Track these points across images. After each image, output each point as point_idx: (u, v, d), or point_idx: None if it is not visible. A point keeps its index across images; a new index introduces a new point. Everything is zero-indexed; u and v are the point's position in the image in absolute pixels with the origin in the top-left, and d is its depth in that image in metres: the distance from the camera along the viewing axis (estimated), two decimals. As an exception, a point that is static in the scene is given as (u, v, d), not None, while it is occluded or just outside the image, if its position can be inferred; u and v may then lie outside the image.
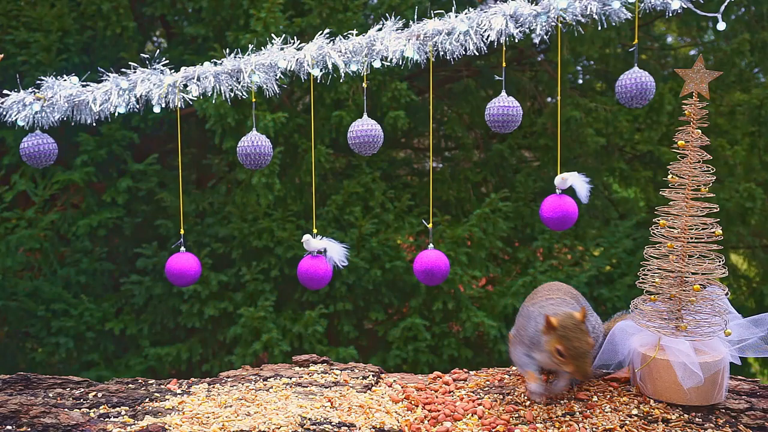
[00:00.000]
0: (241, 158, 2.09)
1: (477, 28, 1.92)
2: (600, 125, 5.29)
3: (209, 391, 2.00)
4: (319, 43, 2.02)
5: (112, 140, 4.93)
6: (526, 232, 5.52)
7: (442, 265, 2.07)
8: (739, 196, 5.25)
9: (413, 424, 1.77)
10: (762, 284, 5.84)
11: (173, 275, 2.13)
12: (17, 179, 4.82)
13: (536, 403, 1.87)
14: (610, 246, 5.30)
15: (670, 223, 1.88)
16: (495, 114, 2.00)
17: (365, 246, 4.81)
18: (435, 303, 4.82)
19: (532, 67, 6.15)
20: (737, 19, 5.72)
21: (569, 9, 1.87)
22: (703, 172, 1.84)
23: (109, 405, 1.89)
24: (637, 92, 1.89)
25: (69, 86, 2.08)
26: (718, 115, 5.63)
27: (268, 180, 4.50)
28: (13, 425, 1.74)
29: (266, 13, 4.48)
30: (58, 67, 4.75)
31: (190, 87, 2.05)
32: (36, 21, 4.84)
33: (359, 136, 2.04)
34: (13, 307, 4.77)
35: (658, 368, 1.83)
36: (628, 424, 1.75)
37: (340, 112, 4.74)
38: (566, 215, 2.04)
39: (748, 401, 1.84)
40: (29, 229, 4.78)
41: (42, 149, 2.09)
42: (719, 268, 1.85)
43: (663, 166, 5.31)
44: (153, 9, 5.15)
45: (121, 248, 5.22)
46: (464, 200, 5.57)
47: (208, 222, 5.00)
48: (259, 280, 4.80)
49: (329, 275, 2.10)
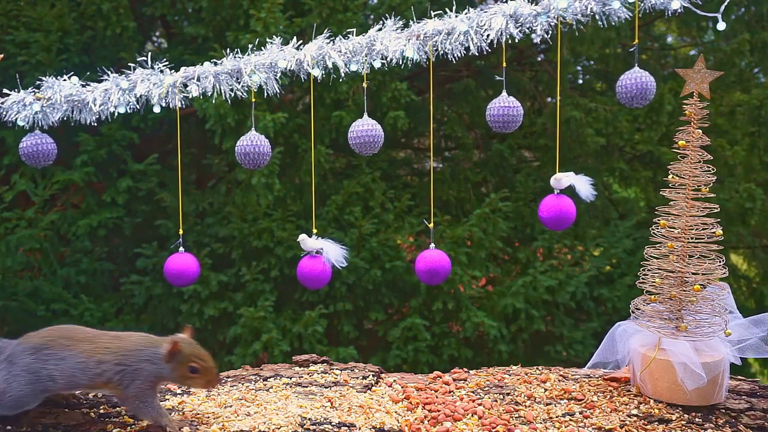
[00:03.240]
0: (239, 158, 2.09)
1: (477, 28, 1.92)
2: (600, 125, 5.29)
3: (209, 391, 2.00)
4: (319, 43, 2.02)
5: (112, 140, 4.93)
6: (526, 232, 5.52)
7: (445, 264, 2.07)
8: (739, 197, 5.25)
9: (413, 424, 1.77)
10: (762, 284, 5.84)
11: (172, 275, 2.13)
12: (17, 179, 4.82)
13: (536, 403, 1.87)
14: (610, 246, 5.30)
15: (671, 223, 1.88)
16: (496, 114, 1.99)
17: (365, 246, 4.81)
18: (435, 303, 4.82)
19: (532, 67, 6.15)
20: (737, 19, 5.72)
21: (569, 9, 1.86)
22: (704, 172, 1.84)
23: (109, 405, 1.89)
24: (638, 92, 1.88)
25: (69, 86, 2.08)
26: (718, 115, 5.63)
27: (267, 180, 4.50)
28: (13, 425, 1.74)
29: (266, 13, 4.48)
30: (58, 67, 4.75)
31: (190, 87, 2.05)
32: (36, 21, 4.84)
33: (360, 136, 2.03)
34: (13, 307, 4.76)
35: (658, 368, 1.83)
36: (628, 424, 1.75)
37: (340, 112, 4.74)
38: (563, 215, 2.03)
39: (748, 401, 1.84)
40: (29, 229, 4.78)
41: (41, 149, 2.09)
42: (719, 268, 1.85)
43: (663, 166, 5.30)
44: (153, 9, 5.15)
45: (121, 248, 5.21)
46: (464, 200, 5.57)
47: (208, 222, 5.00)
48: (259, 280, 4.80)
49: (329, 275, 2.10)
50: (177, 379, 1.76)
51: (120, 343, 1.76)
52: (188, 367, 1.74)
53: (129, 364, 1.72)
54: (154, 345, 1.75)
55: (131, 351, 1.74)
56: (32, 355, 1.74)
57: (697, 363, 1.76)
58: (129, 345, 1.75)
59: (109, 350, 1.74)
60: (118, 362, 1.72)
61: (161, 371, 1.73)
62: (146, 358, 1.73)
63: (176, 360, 1.73)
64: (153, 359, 1.73)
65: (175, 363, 1.73)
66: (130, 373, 1.72)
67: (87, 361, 1.72)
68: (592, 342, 4.99)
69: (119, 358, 1.73)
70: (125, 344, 1.76)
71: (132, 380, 1.72)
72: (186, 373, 1.74)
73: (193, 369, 1.74)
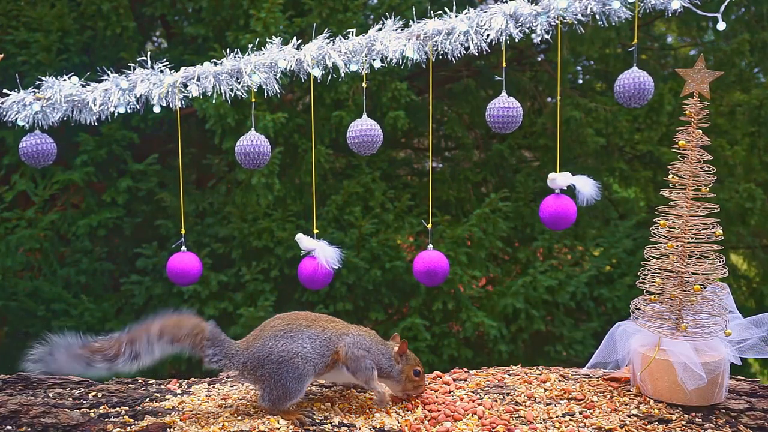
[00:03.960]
0: (239, 158, 2.09)
1: (477, 28, 1.92)
2: (600, 125, 5.29)
3: (209, 391, 2.00)
4: (319, 43, 2.02)
5: (112, 140, 4.93)
6: (526, 232, 5.52)
7: (443, 265, 2.07)
8: (739, 197, 5.25)
9: (413, 424, 1.77)
10: (762, 284, 5.84)
11: (175, 274, 2.13)
12: (17, 179, 4.82)
13: (536, 403, 1.87)
14: (610, 246, 5.30)
15: (671, 223, 1.87)
16: (495, 114, 2.00)
17: (365, 246, 4.81)
18: (435, 303, 4.81)
19: (532, 67, 6.15)
20: (737, 19, 5.72)
21: (569, 9, 1.86)
22: (704, 172, 1.84)
23: (109, 405, 1.89)
24: (636, 92, 1.88)
25: (69, 86, 2.08)
26: (718, 115, 5.63)
27: (267, 180, 4.50)
28: (13, 425, 1.74)
29: (266, 13, 4.48)
30: (58, 67, 4.75)
31: (190, 87, 2.05)
32: (36, 21, 4.84)
33: (358, 136, 2.04)
34: (13, 307, 4.76)
35: (658, 368, 1.83)
36: (628, 424, 1.75)
37: (340, 112, 4.74)
38: (563, 215, 2.04)
39: (748, 401, 1.84)
40: (29, 229, 4.78)
41: (41, 149, 2.09)
42: (719, 268, 1.85)
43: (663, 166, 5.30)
44: (153, 9, 5.15)
45: (121, 248, 5.21)
46: (464, 200, 5.57)
47: (208, 222, 5.00)
48: (259, 280, 4.79)
49: (330, 276, 2.10)
50: (399, 379, 1.87)
51: (347, 326, 1.91)
52: (414, 369, 1.88)
53: (367, 346, 1.85)
54: (382, 341, 1.91)
55: (367, 332, 1.90)
56: (280, 339, 1.80)
57: (697, 363, 1.76)
58: (359, 330, 1.90)
59: (345, 327, 1.88)
60: (354, 341, 1.85)
61: (390, 369, 1.86)
62: (381, 352, 1.86)
63: (404, 361, 1.88)
64: (386, 354, 1.87)
65: (403, 364, 1.87)
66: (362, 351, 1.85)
67: (331, 335, 1.84)
68: (592, 342, 4.99)
69: (355, 339, 1.86)
70: (355, 327, 1.90)
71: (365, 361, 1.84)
72: (411, 375, 1.87)
73: (417, 372, 1.88)
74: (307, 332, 1.82)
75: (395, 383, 1.88)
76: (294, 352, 1.78)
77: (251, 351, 1.80)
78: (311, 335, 1.82)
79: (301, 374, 1.77)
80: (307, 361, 1.78)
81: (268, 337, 1.81)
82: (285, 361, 1.77)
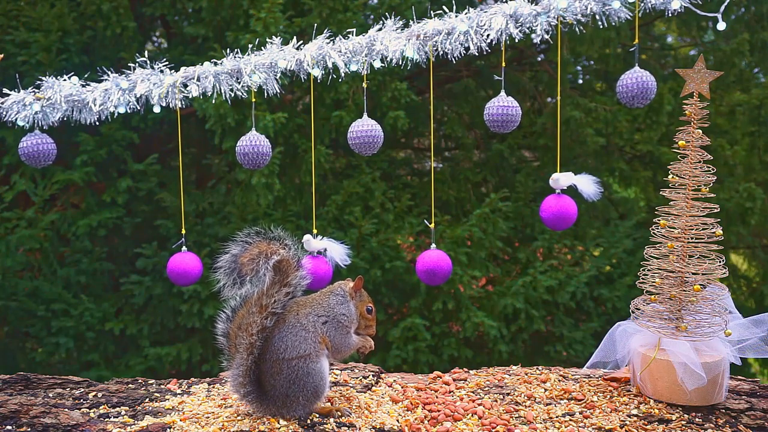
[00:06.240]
0: (239, 158, 2.09)
1: (477, 28, 1.92)
2: (600, 125, 5.29)
3: (209, 391, 2.00)
4: (319, 43, 2.02)
5: (112, 140, 4.93)
6: (526, 232, 5.52)
7: (445, 265, 2.07)
8: (739, 197, 5.25)
9: (413, 424, 1.77)
10: (762, 284, 5.84)
11: (175, 275, 2.13)
12: (17, 179, 4.82)
13: (536, 403, 1.87)
14: (610, 246, 5.30)
15: (671, 223, 1.87)
16: (494, 114, 2.00)
17: (365, 246, 4.81)
18: (435, 303, 4.81)
19: (532, 67, 6.15)
20: (737, 19, 5.72)
21: (569, 9, 1.86)
22: (704, 172, 1.84)
23: (109, 405, 1.89)
24: (639, 92, 1.89)
25: (69, 86, 2.08)
26: (718, 115, 5.63)
27: (267, 180, 4.49)
28: (13, 425, 1.74)
29: (266, 13, 4.48)
30: (58, 67, 4.75)
31: (190, 87, 2.05)
32: (36, 21, 4.84)
33: (359, 137, 2.04)
34: (13, 307, 4.76)
35: (658, 368, 1.83)
36: (628, 424, 1.74)
37: (340, 112, 4.74)
38: (564, 215, 2.04)
39: (748, 401, 1.84)
40: (29, 229, 4.78)
41: (41, 149, 2.09)
42: (719, 268, 1.85)
43: (663, 166, 5.30)
44: (153, 9, 5.15)
45: (121, 248, 5.21)
46: (464, 200, 5.57)
47: (208, 222, 5.00)
48: (259, 280, 4.79)
49: (330, 275, 2.10)
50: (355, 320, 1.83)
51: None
52: (366, 306, 1.85)
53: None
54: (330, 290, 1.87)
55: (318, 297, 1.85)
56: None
57: (697, 363, 1.76)
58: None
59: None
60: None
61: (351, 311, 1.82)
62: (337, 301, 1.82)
63: (359, 297, 1.84)
64: (341, 301, 1.82)
65: (357, 300, 1.84)
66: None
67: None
68: (592, 342, 4.99)
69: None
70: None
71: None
72: (363, 312, 1.84)
73: (369, 309, 1.86)
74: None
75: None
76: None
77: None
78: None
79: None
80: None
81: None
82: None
